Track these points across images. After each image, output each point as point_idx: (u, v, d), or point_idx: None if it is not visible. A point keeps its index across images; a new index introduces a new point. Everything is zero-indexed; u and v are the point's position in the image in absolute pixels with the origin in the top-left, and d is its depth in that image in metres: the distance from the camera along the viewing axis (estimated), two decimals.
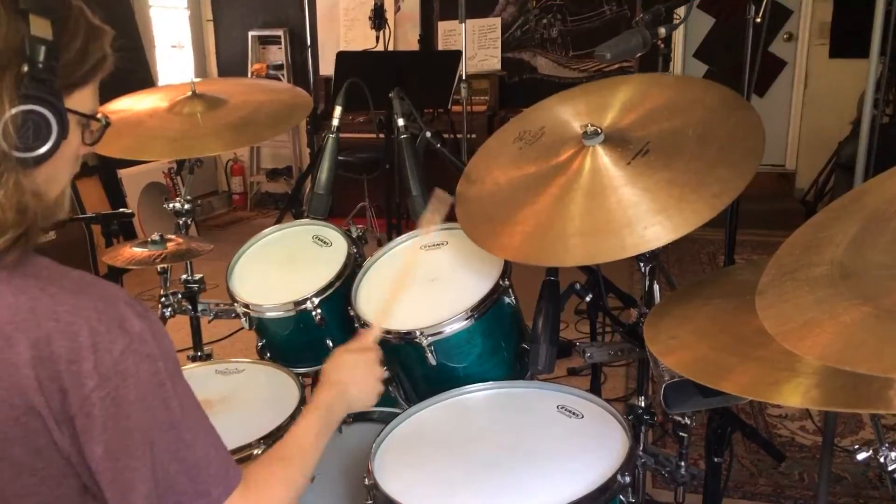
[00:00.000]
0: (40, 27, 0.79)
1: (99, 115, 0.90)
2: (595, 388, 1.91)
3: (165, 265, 1.91)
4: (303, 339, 1.78)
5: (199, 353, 2.11)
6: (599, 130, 1.41)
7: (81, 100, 0.87)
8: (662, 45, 1.68)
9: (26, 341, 0.75)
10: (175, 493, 0.82)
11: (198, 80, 2.10)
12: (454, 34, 5.86)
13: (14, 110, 0.78)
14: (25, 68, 0.78)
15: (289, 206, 4.50)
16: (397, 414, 1.46)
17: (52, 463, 0.79)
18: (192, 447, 0.83)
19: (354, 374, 1.21)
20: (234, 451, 1.38)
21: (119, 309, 0.80)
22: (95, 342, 0.76)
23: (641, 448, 1.54)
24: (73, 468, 0.80)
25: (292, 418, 1.49)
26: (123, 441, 0.78)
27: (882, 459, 1.11)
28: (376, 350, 1.28)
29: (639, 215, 1.29)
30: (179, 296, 2.03)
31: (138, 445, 0.79)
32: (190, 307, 2.04)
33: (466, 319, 1.47)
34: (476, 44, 5.94)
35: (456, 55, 4.10)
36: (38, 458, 0.79)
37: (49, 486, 0.81)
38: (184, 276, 2.03)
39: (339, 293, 1.70)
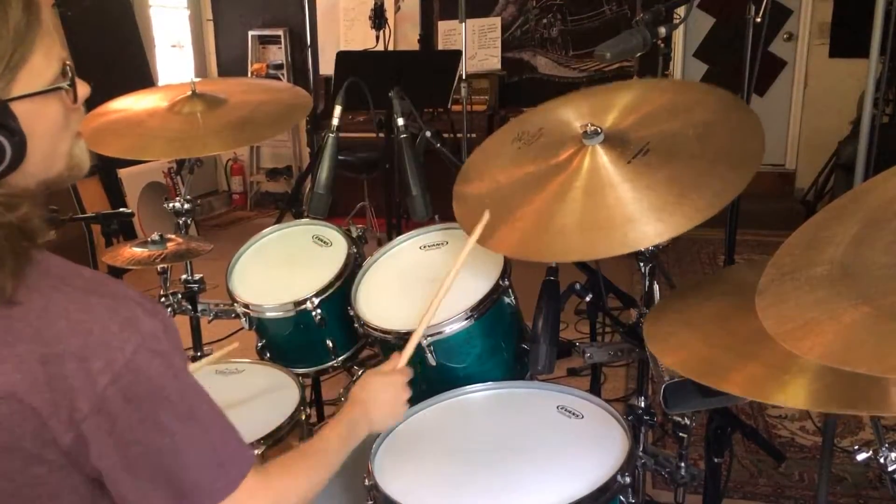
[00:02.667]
0: None
1: (61, 84, 0.83)
2: (595, 389, 1.91)
3: (165, 265, 1.91)
4: (303, 339, 1.78)
5: (199, 353, 2.11)
6: (599, 130, 1.41)
7: (32, 74, 0.79)
8: (662, 45, 1.68)
9: (36, 338, 0.76)
10: (191, 480, 0.83)
11: (198, 79, 2.10)
12: (454, 34, 5.86)
13: None
14: None
15: (289, 206, 4.50)
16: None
17: (55, 456, 0.79)
18: (207, 433, 0.85)
19: (379, 396, 1.21)
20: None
21: (130, 308, 0.80)
22: (107, 340, 0.77)
23: (641, 448, 1.54)
24: (71, 462, 0.80)
25: (292, 418, 1.49)
26: (137, 434, 0.79)
27: (882, 460, 1.11)
28: (405, 373, 1.27)
29: (640, 212, 1.29)
30: (179, 296, 2.03)
31: (153, 437, 0.80)
32: (190, 307, 2.04)
33: (466, 319, 1.47)
34: (476, 43, 5.94)
35: (456, 55, 4.09)
36: (47, 449, 0.79)
37: (58, 477, 0.81)
38: (184, 276, 2.03)
39: (339, 293, 1.70)
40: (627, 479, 1.20)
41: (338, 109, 1.82)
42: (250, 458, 0.90)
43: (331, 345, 1.77)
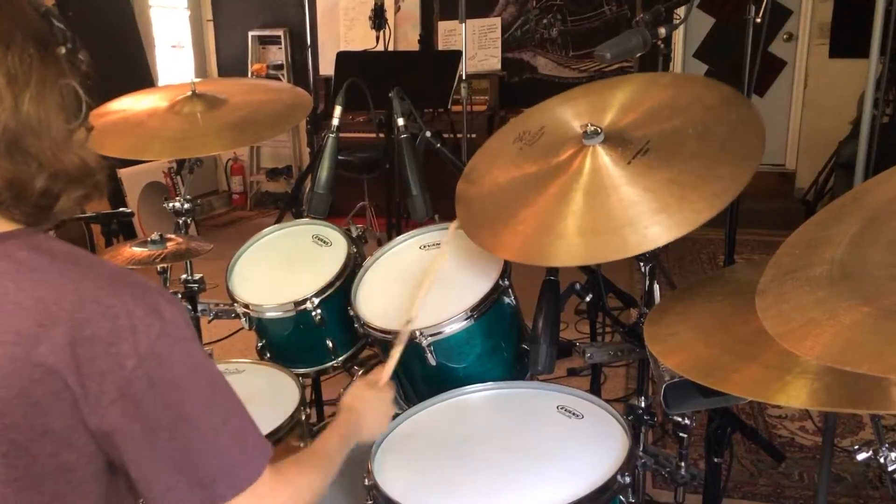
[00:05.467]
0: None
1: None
2: (595, 389, 1.91)
3: (165, 265, 1.90)
4: (303, 339, 1.78)
5: None
6: (599, 130, 1.41)
7: None
8: (662, 45, 1.68)
9: (69, 321, 0.78)
10: (215, 467, 0.84)
11: (198, 80, 2.10)
12: (454, 34, 5.86)
13: (68, 81, 0.84)
14: (63, 50, 0.85)
15: (289, 206, 4.50)
16: (397, 414, 1.46)
17: (84, 440, 0.81)
18: (230, 421, 0.86)
19: (370, 409, 1.27)
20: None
21: (153, 295, 0.83)
22: (134, 325, 0.79)
23: (641, 448, 1.54)
24: (98, 447, 0.82)
25: (292, 418, 1.49)
26: (162, 419, 0.81)
27: (882, 459, 1.11)
28: (392, 388, 1.34)
29: (639, 214, 1.29)
30: (179, 296, 2.03)
31: (177, 423, 0.82)
32: (190, 307, 2.04)
33: (466, 319, 1.47)
34: (476, 44, 5.94)
35: (456, 55, 4.09)
36: (76, 434, 0.80)
37: (85, 462, 0.82)
38: (184, 276, 2.03)
39: (339, 293, 1.70)
40: (627, 479, 1.20)
41: (338, 110, 1.82)
42: (269, 448, 0.91)
43: (331, 345, 1.77)
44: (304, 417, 1.53)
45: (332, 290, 1.71)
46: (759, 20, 2.45)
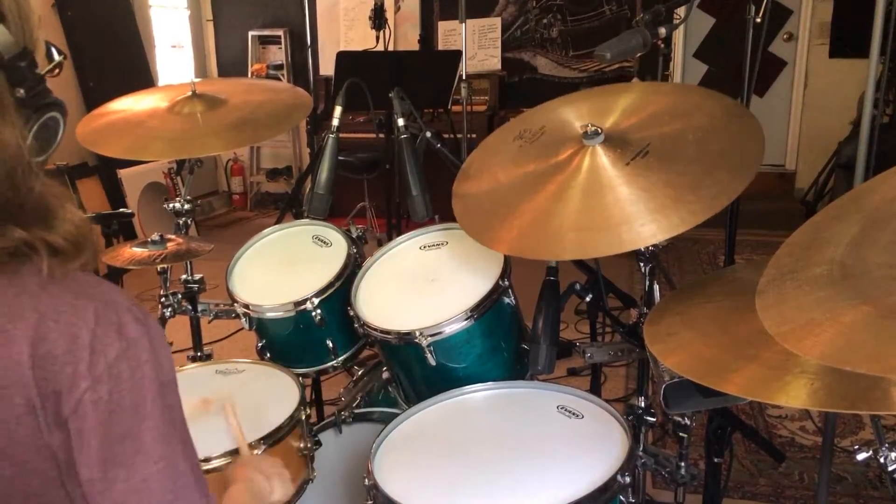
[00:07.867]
0: None
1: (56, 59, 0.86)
2: (595, 388, 1.91)
3: (165, 265, 1.90)
4: (303, 340, 1.78)
5: (199, 353, 2.11)
6: (600, 130, 1.41)
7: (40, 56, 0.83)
8: (662, 45, 1.68)
9: (26, 339, 0.74)
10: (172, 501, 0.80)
11: (198, 80, 2.10)
12: (454, 34, 5.86)
13: (31, 130, 0.79)
14: (21, 93, 0.77)
15: (289, 206, 4.51)
16: (397, 414, 1.46)
17: (50, 465, 0.78)
18: (182, 461, 0.82)
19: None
20: (235, 452, 1.39)
21: (119, 313, 0.78)
22: (93, 344, 0.75)
23: (641, 448, 1.54)
24: (60, 472, 0.78)
25: (292, 418, 1.49)
26: (115, 447, 0.77)
27: (882, 459, 1.11)
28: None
29: (636, 213, 1.29)
30: (179, 296, 2.03)
31: (130, 453, 0.77)
32: (190, 307, 2.04)
33: (466, 319, 1.47)
34: (476, 44, 5.94)
35: (456, 55, 4.09)
36: (38, 458, 0.78)
37: (53, 488, 0.80)
38: (184, 277, 2.03)
39: (339, 293, 1.70)
40: (627, 479, 1.20)
41: (338, 110, 1.82)
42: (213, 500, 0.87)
43: (331, 345, 1.77)
44: (304, 417, 1.53)
45: (332, 290, 1.71)
46: (759, 20, 2.45)
